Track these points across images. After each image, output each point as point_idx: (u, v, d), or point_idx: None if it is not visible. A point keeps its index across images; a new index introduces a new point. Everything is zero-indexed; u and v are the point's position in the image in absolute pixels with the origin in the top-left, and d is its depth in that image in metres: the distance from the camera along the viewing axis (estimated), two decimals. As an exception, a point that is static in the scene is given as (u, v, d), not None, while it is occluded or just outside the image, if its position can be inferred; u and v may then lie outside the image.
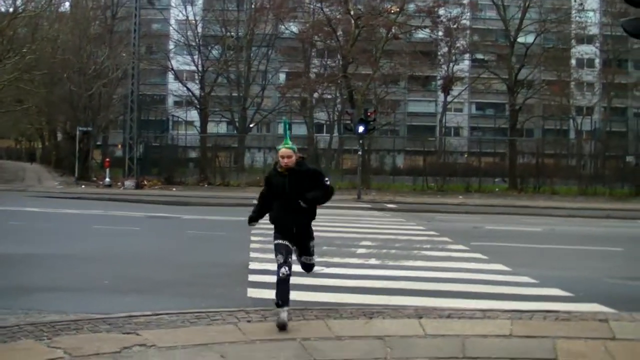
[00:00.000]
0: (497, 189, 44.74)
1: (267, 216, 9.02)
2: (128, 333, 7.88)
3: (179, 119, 66.02)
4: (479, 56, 63.22)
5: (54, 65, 49.79)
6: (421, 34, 57.68)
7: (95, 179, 46.95)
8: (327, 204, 8.90)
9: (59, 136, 68.53)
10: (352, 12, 48.75)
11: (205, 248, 16.69)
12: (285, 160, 8.53)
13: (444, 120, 67.50)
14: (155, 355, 7.06)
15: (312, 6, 55.44)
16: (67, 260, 14.37)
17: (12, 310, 9.57)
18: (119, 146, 57.35)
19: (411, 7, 52.94)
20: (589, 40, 64.35)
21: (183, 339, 7.73)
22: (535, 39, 53.79)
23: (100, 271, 13.14)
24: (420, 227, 22.48)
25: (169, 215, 25.69)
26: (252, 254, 14.76)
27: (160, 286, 11.93)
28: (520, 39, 52.32)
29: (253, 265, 13.47)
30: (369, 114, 37.50)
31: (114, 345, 7.35)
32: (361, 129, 36.17)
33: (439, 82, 66.57)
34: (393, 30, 49.40)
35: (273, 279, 8.63)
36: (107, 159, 46.01)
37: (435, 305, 10.01)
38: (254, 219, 9.00)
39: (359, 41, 48.80)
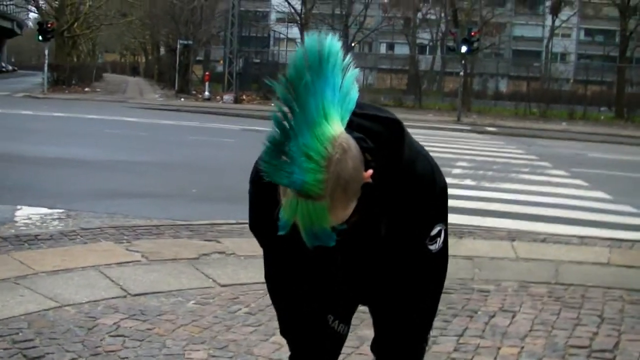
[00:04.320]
0: (602, 117, 43.34)
1: None
2: (209, 240, 7.72)
3: (281, 36, 65.74)
4: (591, -22, 60.85)
5: (157, -22, 50.06)
6: (531, -46, 55.85)
7: (194, 92, 47.27)
8: (422, 123, 2.96)
9: (162, 50, 69.19)
10: None
11: (297, 163, 16.36)
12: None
13: (550, 46, 65.54)
14: (232, 263, 6.89)
15: None
16: (159, 168, 14.38)
17: (98, 214, 9.54)
18: (220, 62, 57.59)
19: None
20: None
21: (263, 248, 7.51)
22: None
23: (190, 180, 13.09)
24: (520, 151, 21.91)
25: (265, 129, 25.46)
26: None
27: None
28: (635, -40, 49.98)
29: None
30: (472, 33, 36.65)
31: (192, 251, 7.20)
32: (464, 48, 35.36)
33: (547, 5, 64.53)
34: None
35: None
36: (207, 73, 46.14)
37: (530, 229, 9.55)
38: None
39: (465, -41, 47.58)
